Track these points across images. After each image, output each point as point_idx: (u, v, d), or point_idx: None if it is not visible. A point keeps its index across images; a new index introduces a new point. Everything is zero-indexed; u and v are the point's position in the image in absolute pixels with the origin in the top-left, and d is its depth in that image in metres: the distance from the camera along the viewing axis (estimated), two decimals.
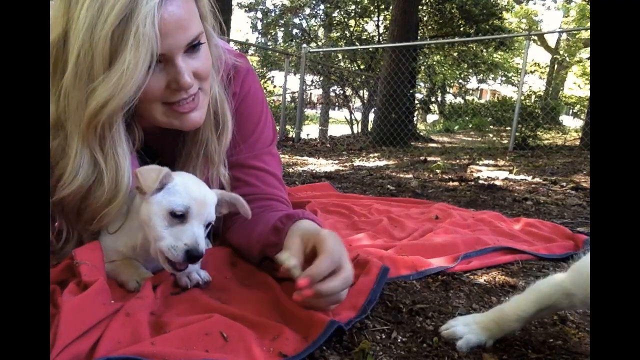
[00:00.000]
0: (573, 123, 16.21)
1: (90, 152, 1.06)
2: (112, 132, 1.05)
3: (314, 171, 4.31)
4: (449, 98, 18.65)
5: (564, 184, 3.56)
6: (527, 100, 9.35)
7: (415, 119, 12.05)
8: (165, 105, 1.12)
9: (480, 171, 4.40)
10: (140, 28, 0.94)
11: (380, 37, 13.16)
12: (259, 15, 15.81)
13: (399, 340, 1.05)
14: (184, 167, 1.29)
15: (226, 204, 1.21)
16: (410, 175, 4.11)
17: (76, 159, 1.05)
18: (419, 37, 10.58)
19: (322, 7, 14.85)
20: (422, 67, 13.79)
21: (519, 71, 9.24)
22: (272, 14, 15.34)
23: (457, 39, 11.60)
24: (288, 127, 8.87)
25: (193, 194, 1.07)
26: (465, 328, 1.05)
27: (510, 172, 4.24)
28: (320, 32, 16.00)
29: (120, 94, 0.98)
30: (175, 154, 1.32)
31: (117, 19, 0.94)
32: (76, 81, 1.00)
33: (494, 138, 10.70)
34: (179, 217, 1.05)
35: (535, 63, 20.39)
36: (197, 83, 1.13)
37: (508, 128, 9.29)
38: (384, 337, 1.06)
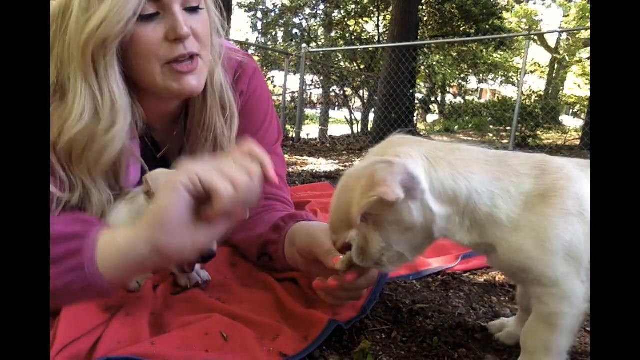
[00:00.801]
0: (573, 123, 16.20)
1: (91, 91, 1.06)
2: (105, 62, 1.05)
3: (314, 171, 4.31)
4: (449, 98, 18.65)
5: None
6: (527, 100, 9.37)
7: (415, 119, 12.05)
8: (164, 66, 1.12)
9: None
10: None
11: (380, 37, 13.16)
12: (259, 15, 15.82)
13: (399, 340, 1.05)
14: (192, 153, 1.27)
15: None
16: None
17: (80, 100, 1.05)
18: (418, 37, 10.58)
19: (322, 6, 14.85)
20: (422, 67, 13.79)
21: (519, 71, 9.23)
22: (272, 14, 15.34)
23: (457, 38, 11.60)
24: (288, 127, 8.86)
25: None
26: (510, 321, 1.08)
27: None
28: (320, 32, 15.99)
29: (106, 22, 1.00)
30: (181, 145, 1.31)
31: None
32: (77, 21, 1.03)
33: (494, 138, 10.71)
34: None
35: (535, 63, 20.40)
36: (196, 45, 1.13)
37: (508, 128, 9.29)
38: (384, 337, 1.06)
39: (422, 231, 0.86)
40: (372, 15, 13.86)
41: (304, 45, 10.57)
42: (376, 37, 13.60)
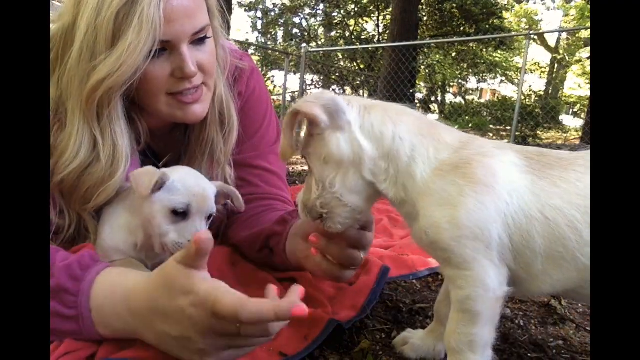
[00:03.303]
0: (573, 122, 16.23)
1: (90, 130, 1.07)
2: (109, 109, 1.06)
3: None
4: (449, 98, 18.65)
5: None
6: (527, 100, 9.38)
7: None
8: (169, 96, 1.13)
9: None
10: (145, 10, 0.96)
11: (380, 37, 13.17)
12: (259, 14, 15.82)
13: None
14: (190, 166, 1.28)
15: (223, 195, 1.22)
16: None
17: (77, 137, 1.06)
18: (418, 37, 10.58)
19: (322, 6, 14.85)
20: (422, 67, 13.79)
21: (519, 71, 9.23)
22: (272, 14, 15.34)
23: (457, 38, 11.60)
24: None
25: (192, 190, 1.08)
26: (415, 334, 1.02)
27: None
28: (320, 31, 16.00)
29: (118, 73, 0.99)
30: (180, 153, 1.32)
31: (123, 0, 0.96)
32: (80, 59, 1.02)
33: (494, 138, 10.71)
34: (181, 214, 1.06)
35: (535, 63, 20.40)
36: (201, 77, 1.13)
37: (508, 127, 9.30)
38: (384, 336, 1.06)
39: (352, 168, 0.87)
40: (372, 15, 13.88)
41: (304, 44, 10.58)
42: (376, 37, 13.61)
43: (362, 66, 13.37)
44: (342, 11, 14.29)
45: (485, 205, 0.79)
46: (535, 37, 16.32)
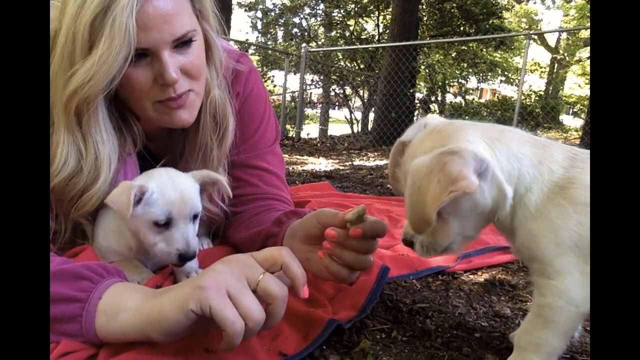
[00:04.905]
0: (573, 122, 16.23)
1: (73, 139, 1.07)
2: (88, 117, 1.06)
3: (314, 170, 4.31)
4: (449, 97, 18.62)
5: None
6: (527, 100, 9.38)
7: (415, 118, 12.03)
8: (155, 103, 1.12)
9: None
10: (118, 19, 0.95)
11: (380, 37, 13.16)
12: (259, 14, 15.81)
13: (399, 340, 1.05)
14: (185, 170, 1.28)
15: (210, 184, 1.20)
16: None
17: (64, 147, 1.06)
18: (418, 37, 10.57)
19: (322, 6, 14.84)
20: (422, 67, 13.78)
21: (519, 70, 9.23)
22: (272, 14, 15.33)
23: (457, 38, 11.60)
24: (288, 126, 8.87)
25: (170, 197, 1.06)
26: None
27: None
28: (320, 31, 15.99)
29: (91, 83, 0.99)
30: (176, 155, 1.32)
31: (97, 7, 0.96)
32: (61, 66, 1.02)
33: None
34: (164, 224, 1.06)
35: (535, 62, 20.38)
36: (187, 82, 1.12)
37: None
38: (384, 336, 1.06)
39: (490, 212, 0.87)
40: (372, 15, 13.86)
41: (304, 44, 10.58)
42: (376, 37, 13.60)
43: (362, 66, 13.36)
44: (342, 11, 14.27)
45: (586, 226, 0.79)
46: (535, 37, 16.32)
